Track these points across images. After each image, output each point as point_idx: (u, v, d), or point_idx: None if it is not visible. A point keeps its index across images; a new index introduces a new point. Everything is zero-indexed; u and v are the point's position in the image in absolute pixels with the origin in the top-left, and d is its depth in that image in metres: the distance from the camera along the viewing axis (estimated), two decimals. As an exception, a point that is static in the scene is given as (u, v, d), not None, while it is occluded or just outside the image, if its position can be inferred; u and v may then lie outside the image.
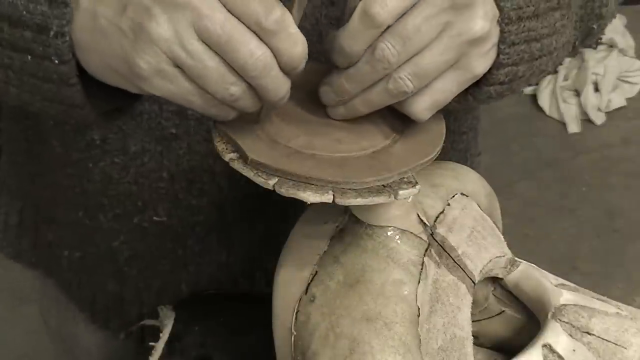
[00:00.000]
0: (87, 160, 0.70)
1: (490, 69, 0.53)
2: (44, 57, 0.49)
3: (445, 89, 0.51)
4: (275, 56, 0.45)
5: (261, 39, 0.45)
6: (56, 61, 0.48)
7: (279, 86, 0.46)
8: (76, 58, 0.49)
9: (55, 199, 0.75)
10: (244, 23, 0.44)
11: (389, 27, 0.47)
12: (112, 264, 0.74)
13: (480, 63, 0.51)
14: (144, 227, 0.71)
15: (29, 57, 0.49)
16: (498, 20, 0.51)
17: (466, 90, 0.54)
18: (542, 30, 0.55)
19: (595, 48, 2.56)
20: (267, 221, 0.70)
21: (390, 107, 0.52)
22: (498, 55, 0.52)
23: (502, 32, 0.52)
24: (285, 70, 0.46)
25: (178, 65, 0.45)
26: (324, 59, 0.52)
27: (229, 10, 0.44)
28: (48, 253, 0.79)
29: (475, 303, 0.57)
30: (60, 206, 0.75)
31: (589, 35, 0.66)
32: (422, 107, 0.50)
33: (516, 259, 0.60)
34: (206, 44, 0.45)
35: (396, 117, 0.52)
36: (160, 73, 0.45)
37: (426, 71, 0.49)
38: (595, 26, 0.65)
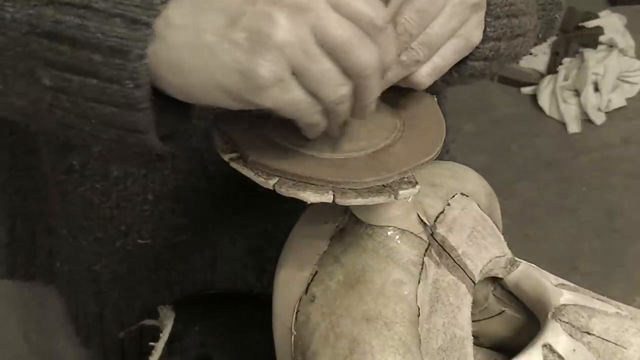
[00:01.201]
0: (67, 184, 0.68)
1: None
2: (113, 81, 0.46)
3: (446, 55, 0.52)
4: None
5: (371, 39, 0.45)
6: (130, 85, 0.45)
7: (378, 86, 0.47)
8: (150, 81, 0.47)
9: (48, 210, 0.75)
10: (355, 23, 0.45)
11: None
12: (93, 284, 0.74)
13: (478, 32, 0.53)
14: (127, 250, 0.70)
15: (95, 80, 0.46)
16: None
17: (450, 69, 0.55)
18: (520, 6, 0.56)
19: (595, 48, 2.56)
20: (250, 237, 0.70)
21: (389, 108, 0.52)
22: (485, 28, 0.54)
23: (488, 4, 0.54)
24: (385, 68, 0.47)
25: (294, 72, 0.44)
26: None
27: (338, 12, 0.44)
28: (48, 261, 0.79)
29: (475, 303, 0.57)
30: (53, 217, 0.75)
31: (551, 27, 0.67)
32: (424, 72, 0.51)
33: (516, 259, 0.60)
34: (321, 47, 0.44)
35: (396, 117, 0.52)
36: (281, 82, 0.43)
37: (435, 40, 0.50)
38: (557, 16, 0.67)
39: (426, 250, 0.52)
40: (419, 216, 0.53)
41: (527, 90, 2.57)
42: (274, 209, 0.66)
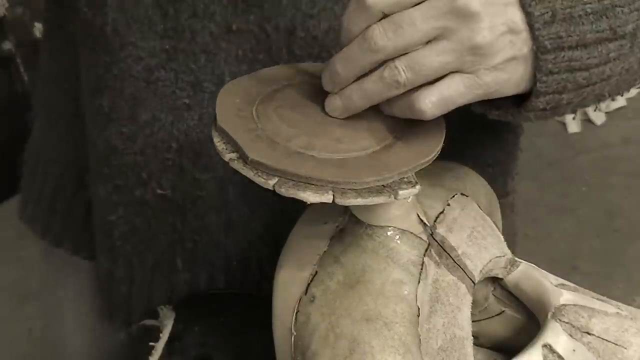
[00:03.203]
0: (93, 128, 0.69)
1: (530, 95, 0.53)
2: None
3: (451, 86, 0.50)
4: None
5: None
6: None
7: None
8: None
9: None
10: None
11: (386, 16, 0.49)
12: (106, 238, 0.74)
13: (488, 75, 0.51)
14: (145, 200, 0.70)
15: None
16: (532, 48, 0.51)
17: (506, 109, 0.55)
18: (589, 60, 0.54)
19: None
20: (267, 210, 0.70)
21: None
22: (536, 83, 0.52)
23: (537, 60, 0.51)
24: None
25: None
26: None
27: None
28: (79, 225, 0.79)
29: (475, 303, 0.57)
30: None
31: None
32: (428, 100, 0.50)
33: (516, 259, 0.60)
34: None
35: (396, 117, 0.52)
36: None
37: (422, 67, 0.49)
38: None
39: (426, 250, 0.52)
40: (418, 216, 0.53)
41: (527, 90, 2.57)
42: None
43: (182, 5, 0.62)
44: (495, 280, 0.60)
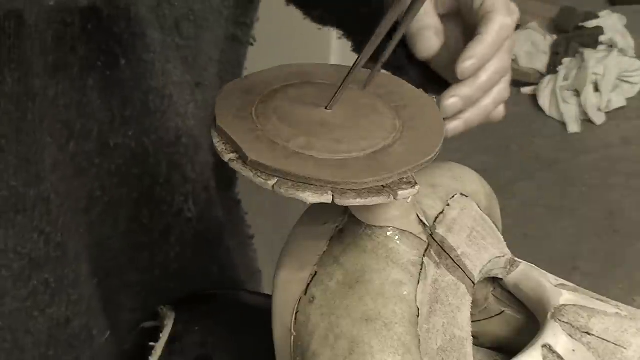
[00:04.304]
0: None
1: None
2: None
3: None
4: None
5: None
6: None
7: None
8: None
9: None
10: None
11: None
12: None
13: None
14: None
15: None
16: None
17: None
18: None
19: (595, 48, 2.56)
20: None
21: (389, 108, 0.52)
22: None
23: None
24: None
25: None
26: None
27: None
28: None
29: (475, 303, 0.57)
30: None
31: None
32: (501, 109, 0.61)
33: (516, 259, 0.60)
34: None
35: (396, 118, 0.52)
36: None
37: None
38: None
39: (426, 250, 0.52)
40: (418, 217, 0.53)
41: (527, 90, 2.57)
42: None
43: None
44: (495, 281, 0.60)
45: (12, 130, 0.54)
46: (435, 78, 0.63)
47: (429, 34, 0.59)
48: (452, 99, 0.55)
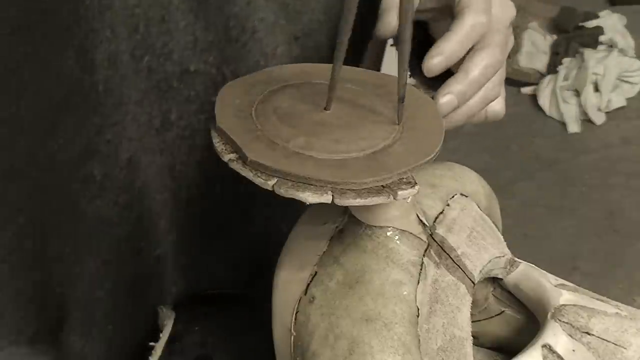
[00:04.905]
0: (81, 196, 0.61)
1: None
2: None
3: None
4: None
5: None
6: None
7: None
8: None
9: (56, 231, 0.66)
10: None
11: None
12: (86, 317, 0.68)
13: (512, 36, 0.61)
14: (138, 272, 0.67)
15: None
16: None
17: None
18: None
19: (595, 48, 2.56)
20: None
21: (389, 108, 0.52)
22: None
23: None
24: None
25: None
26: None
27: None
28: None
29: (475, 303, 0.57)
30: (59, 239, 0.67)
31: None
32: (499, 106, 0.61)
33: (516, 259, 0.60)
34: None
35: (395, 118, 0.52)
36: None
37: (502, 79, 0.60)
38: None
39: (425, 250, 0.52)
40: (418, 217, 0.53)
41: (527, 90, 2.56)
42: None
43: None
44: (495, 281, 0.60)
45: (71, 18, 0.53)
46: (441, 76, 0.64)
47: (390, 14, 0.58)
48: (447, 97, 0.54)
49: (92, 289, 0.66)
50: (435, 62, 0.54)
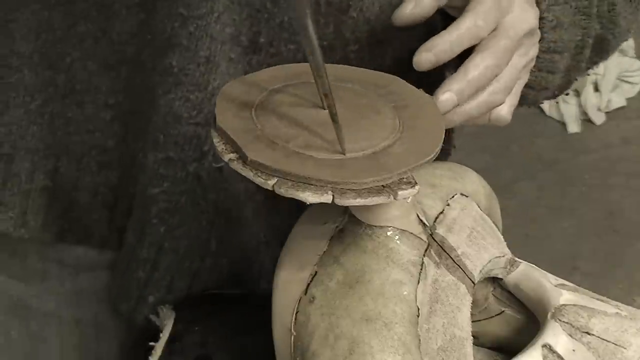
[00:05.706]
0: (157, 88, 0.63)
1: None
2: None
3: (518, 92, 0.62)
4: None
5: None
6: None
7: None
8: None
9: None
10: None
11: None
12: (142, 213, 0.68)
13: (534, 49, 0.61)
14: (198, 176, 0.65)
15: None
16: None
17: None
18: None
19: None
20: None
21: (389, 108, 0.52)
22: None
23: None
24: None
25: None
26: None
27: None
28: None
29: (475, 303, 0.57)
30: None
31: (600, 48, 0.73)
32: (506, 111, 0.61)
33: (516, 259, 0.60)
34: None
35: (396, 118, 0.52)
36: None
37: (510, 85, 0.60)
38: (609, 36, 0.72)
39: (426, 250, 0.52)
40: (418, 216, 0.53)
41: (527, 90, 2.57)
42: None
43: None
44: (495, 280, 0.60)
45: None
46: None
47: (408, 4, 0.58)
48: (446, 94, 0.54)
49: (147, 185, 0.66)
50: (422, 58, 0.54)
